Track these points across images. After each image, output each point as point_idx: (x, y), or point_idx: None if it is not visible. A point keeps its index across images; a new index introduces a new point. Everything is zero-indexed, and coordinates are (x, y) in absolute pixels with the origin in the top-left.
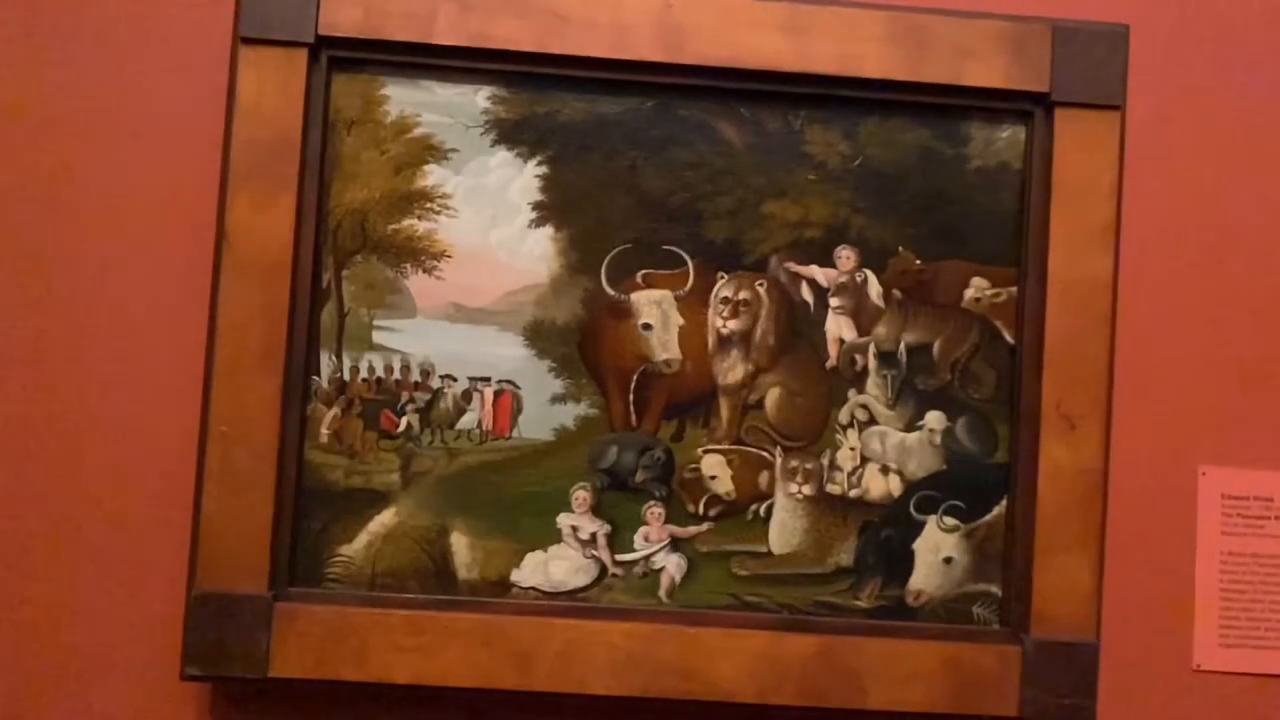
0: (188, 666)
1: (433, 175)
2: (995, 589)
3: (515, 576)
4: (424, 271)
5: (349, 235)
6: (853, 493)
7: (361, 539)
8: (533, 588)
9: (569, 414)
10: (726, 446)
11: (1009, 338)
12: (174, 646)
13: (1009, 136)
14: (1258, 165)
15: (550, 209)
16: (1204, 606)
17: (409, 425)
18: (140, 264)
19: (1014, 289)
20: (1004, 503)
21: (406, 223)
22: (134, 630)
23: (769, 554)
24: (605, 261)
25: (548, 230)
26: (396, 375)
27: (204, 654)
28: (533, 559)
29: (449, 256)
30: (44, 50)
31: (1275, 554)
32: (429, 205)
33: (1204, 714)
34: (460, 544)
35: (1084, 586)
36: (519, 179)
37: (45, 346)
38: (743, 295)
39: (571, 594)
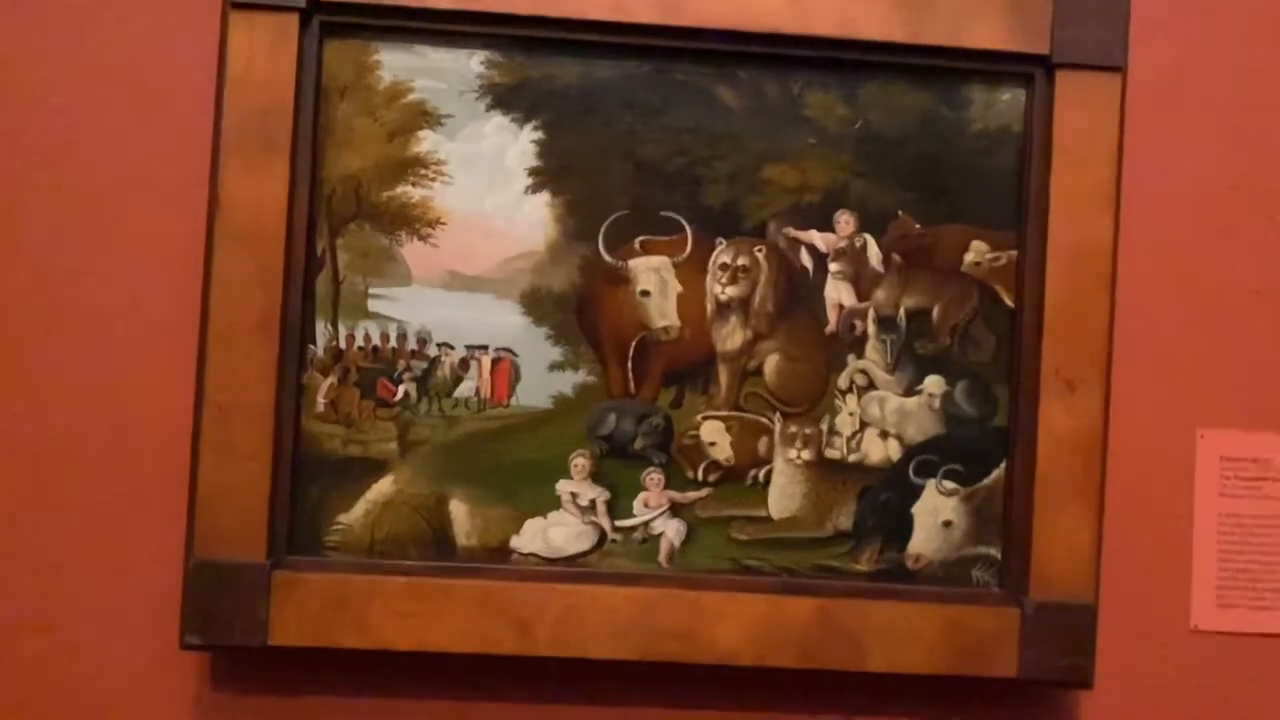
0: (187, 636)
1: (427, 141)
2: (994, 552)
3: (515, 543)
4: (419, 239)
5: (343, 203)
6: (852, 458)
7: (360, 507)
8: (532, 554)
9: (567, 381)
10: (725, 413)
11: (1009, 301)
12: (173, 616)
13: (1009, 99)
14: (1259, 127)
15: (546, 175)
16: (1201, 568)
17: (406, 394)
18: (133, 233)
19: (1014, 253)
20: (1003, 466)
21: (401, 190)
22: (133, 600)
23: (768, 519)
24: (603, 228)
25: (544, 197)
26: (393, 344)
27: (203, 623)
28: (532, 525)
29: (444, 224)
30: (31, 16)
31: (1272, 515)
32: (423, 172)
33: (1201, 674)
34: (459, 511)
35: (1083, 548)
36: (514, 145)
37: (38, 318)
38: (741, 261)
39: (571, 560)
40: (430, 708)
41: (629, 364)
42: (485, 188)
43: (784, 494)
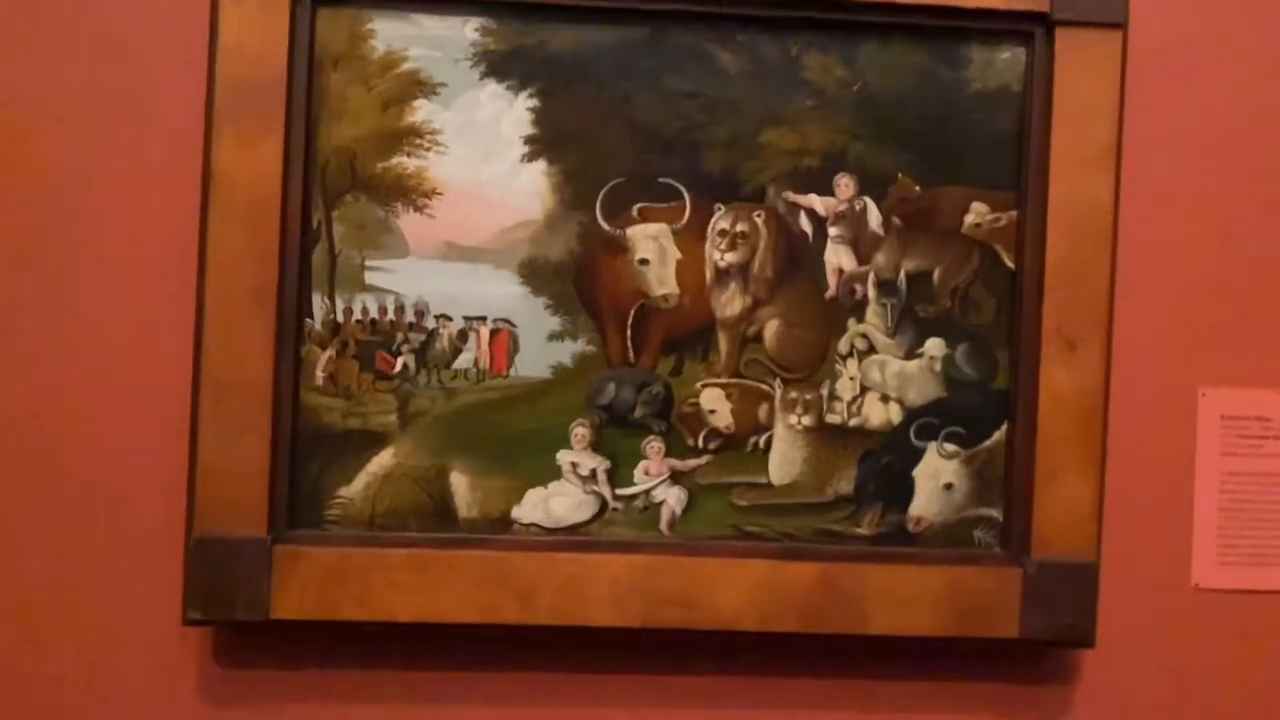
0: (190, 611)
1: (422, 111)
2: (996, 513)
3: (516, 513)
4: (415, 210)
5: (338, 175)
6: (853, 422)
7: (360, 480)
8: (533, 524)
9: (566, 351)
10: (725, 380)
11: (1009, 262)
12: (176, 592)
13: (1009, 58)
14: (1261, 85)
15: (542, 143)
16: (1203, 526)
17: (405, 366)
18: (128, 210)
19: (1014, 213)
20: (1004, 427)
21: (396, 160)
22: (135, 577)
23: (769, 485)
24: (600, 196)
25: (540, 165)
26: (391, 316)
27: (205, 599)
28: (533, 496)
29: (440, 194)
30: None
31: (1274, 473)
32: (418, 142)
33: (1203, 631)
34: (460, 483)
35: (1084, 508)
36: (510, 113)
37: (35, 297)
38: (740, 227)
39: (572, 529)
40: (433, 678)
41: (628, 332)
42: (481, 157)
43: (785, 460)
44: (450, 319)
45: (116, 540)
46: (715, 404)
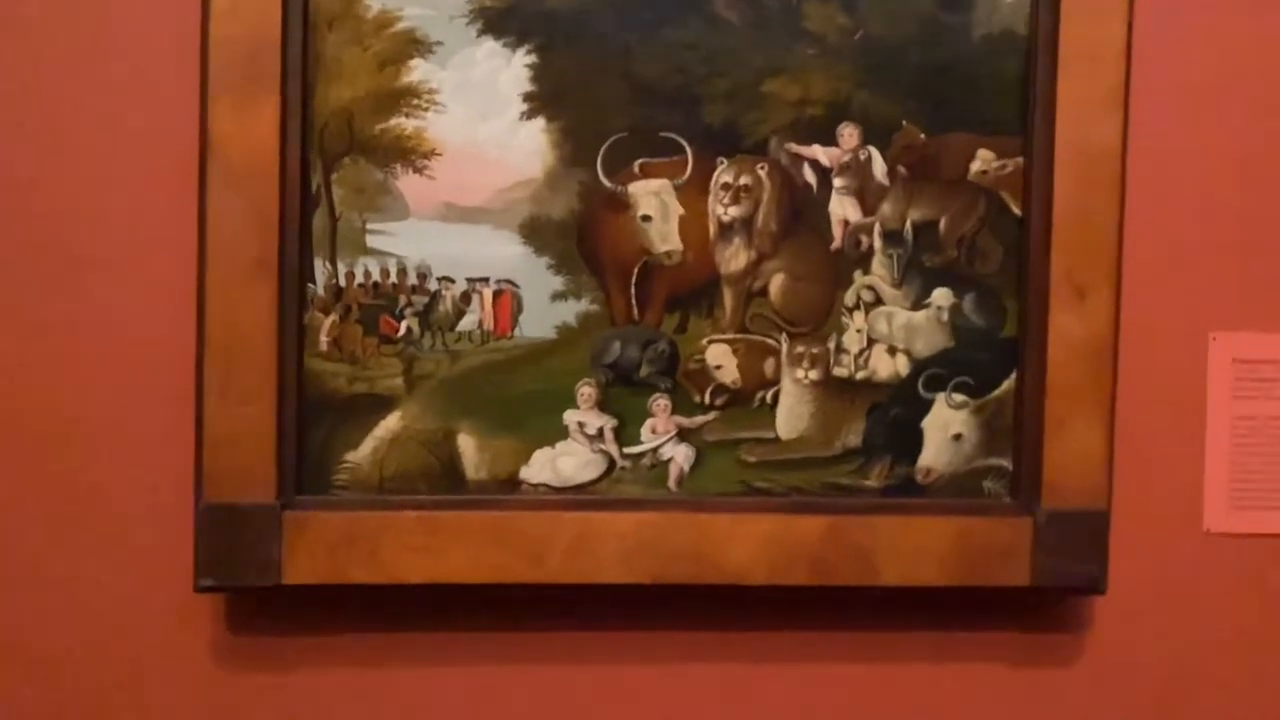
0: (201, 578)
1: (418, 70)
2: (1005, 463)
3: (524, 474)
4: (414, 171)
5: (335, 138)
6: (860, 375)
7: (367, 445)
8: (542, 484)
9: (570, 311)
10: (731, 336)
11: (1016, 210)
12: (186, 560)
13: (1014, 1)
14: (1272, 22)
15: (541, 100)
16: (1214, 470)
17: (409, 329)
18: (124, 178)
19: (1021, 160)
20: (1013, 377)
21: (394, 121)
22: (146, 546)
23: (776, 440)
24: (600, 153)
25: (540, 122)
26: (393, 279)
27: (216, 565)
28: (541, 456)
29: (439, 155)
30: None
31: None
32: (416, 102)
33: (1215, 576)
34: (467, 445)
35: (1095, 455)
36: (507, 70)
37: (37, 272)
38: (743, 180)
39: (580, 488)
40: (445, 639)
41: (632, 290)
42: (479, 116)
43: (792, 414)
44: (453, 281)
45: (126, 510)
46: (721, 360)
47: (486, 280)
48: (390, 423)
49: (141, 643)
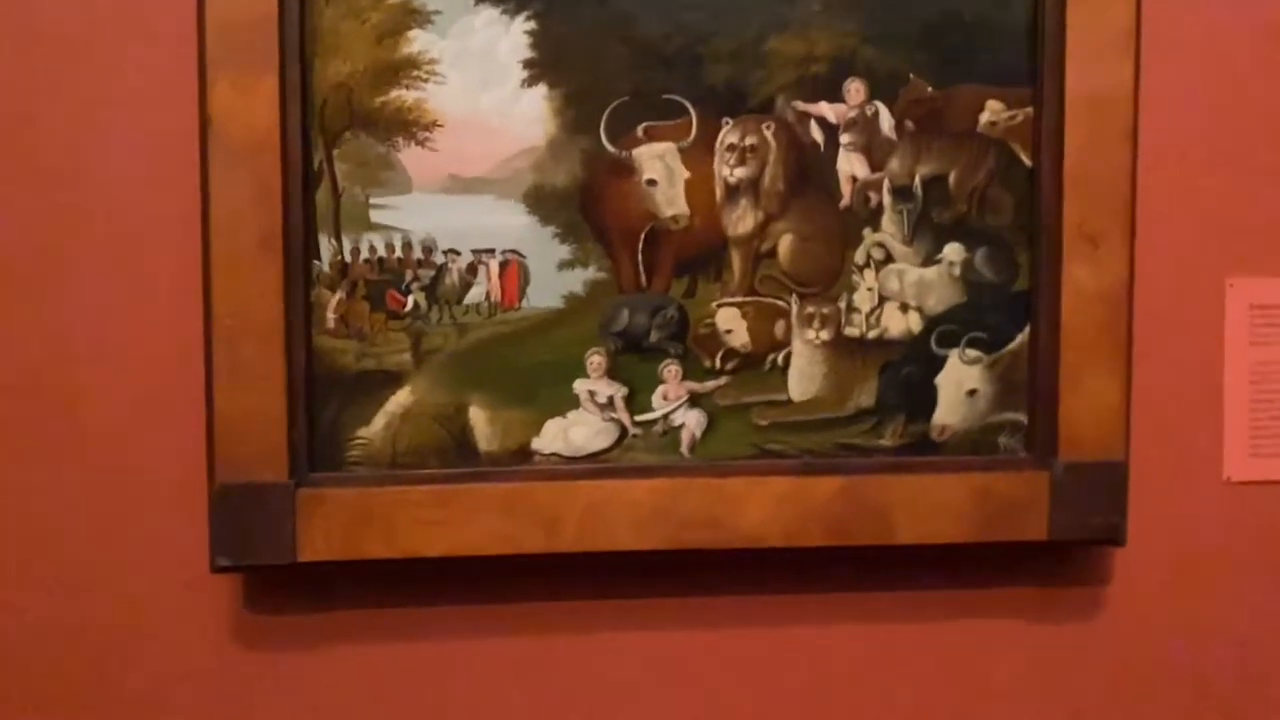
0: (217, 558)
1: (417, 41)
2: (1021, 417)
3: (536, 444)
4: (416, 144)
5: (336, 112)
6: (871, 334)
7: (379, 420)
8: (554, 454)
9: (577, 279)
10: (740, 299)
11: (1026, 160)
12: (202, 541)
13: None
14: None
15: (542, 67)
16: (1233, 418)
17: (416, 304)
18: (126, 161)
19: (1030, 109)
20: (1027, 330)
21: (394, 94)
22: (161, 528)
23: (789, 402)
24: (603, 118)
25: (541, 90)
26: (398, 253)
27: (231, 545)
28: (552, 426)
29: (440, 126)
30: None
31: None
32: (415, 74)
33: (1235, 525)
34: (478, 417)
35: (1112, 407)
36: (507, 37)
37: (42, 258)
38: (749, 141)
39: (593, 457)
40: (461, 613)
41: (639, 256)
42: (479, 85)
43: (804, 376)
44: (458, 253)
45: (140, 493)
46: (731, 324)
47: (492, 251)
48: (401, 398)
49: (160, 623)
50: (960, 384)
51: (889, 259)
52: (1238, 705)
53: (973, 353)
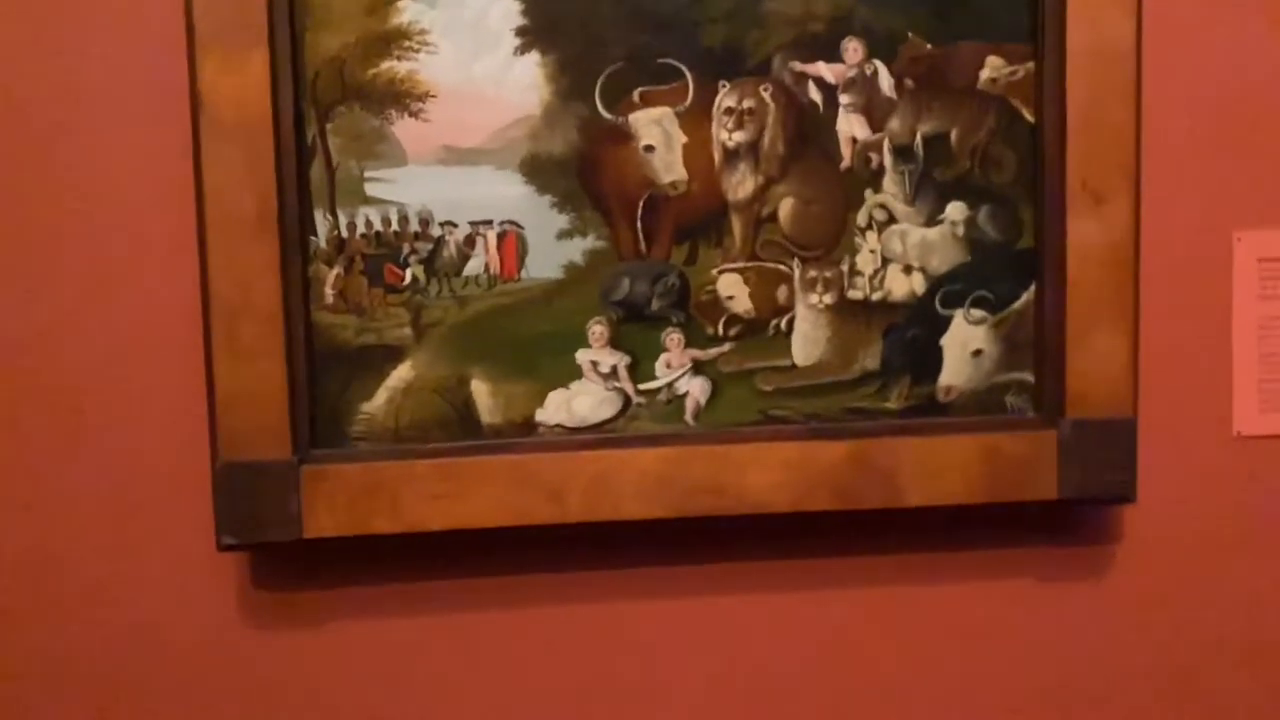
0: (223, 537)
1: (408, 11)
2: (1028, 376)
3: (539, 416)
4: (410, 115)
5: (328, 86)
6: (875, 296)
7: (381, 395)
8: (558, 425)
9: (576, 249)
10: (742, 264)
11: (1029, 117)
12: (208, 521)
13: None
14: None
15: (534, 33)
16: (1242, 373)
17: (414, 277)
18: (117, 140)
19: (1031, 65)
20: (1032, 288)
21: (386, 65)
22: (166, 509)
23: (793, 367)
24: (598, 84)
25: (534, 57)
26: (395, 227)
27: (237, 523)
28: (555, 397)
29: (434, 96)
30: None
31: None
32: (407, 44)
33: (1246, 480)
34: (481, 390)
35: (1119, 364)
36: (498, 4)
37: (35, 242)
38: (747, 104)
39: (597, 427)
40: (469, 586)
41: (638, 224)
42: (472, 54)
43: (807, 340)
44: (455, 225)
45: (145, 475)
46: (733, 289)
47: (490, 223)
48: (402, 372)
49: (169, 603)
50: (965, 344)
51: (891, 220)
52: (1250, 662)
53: (977, 313)
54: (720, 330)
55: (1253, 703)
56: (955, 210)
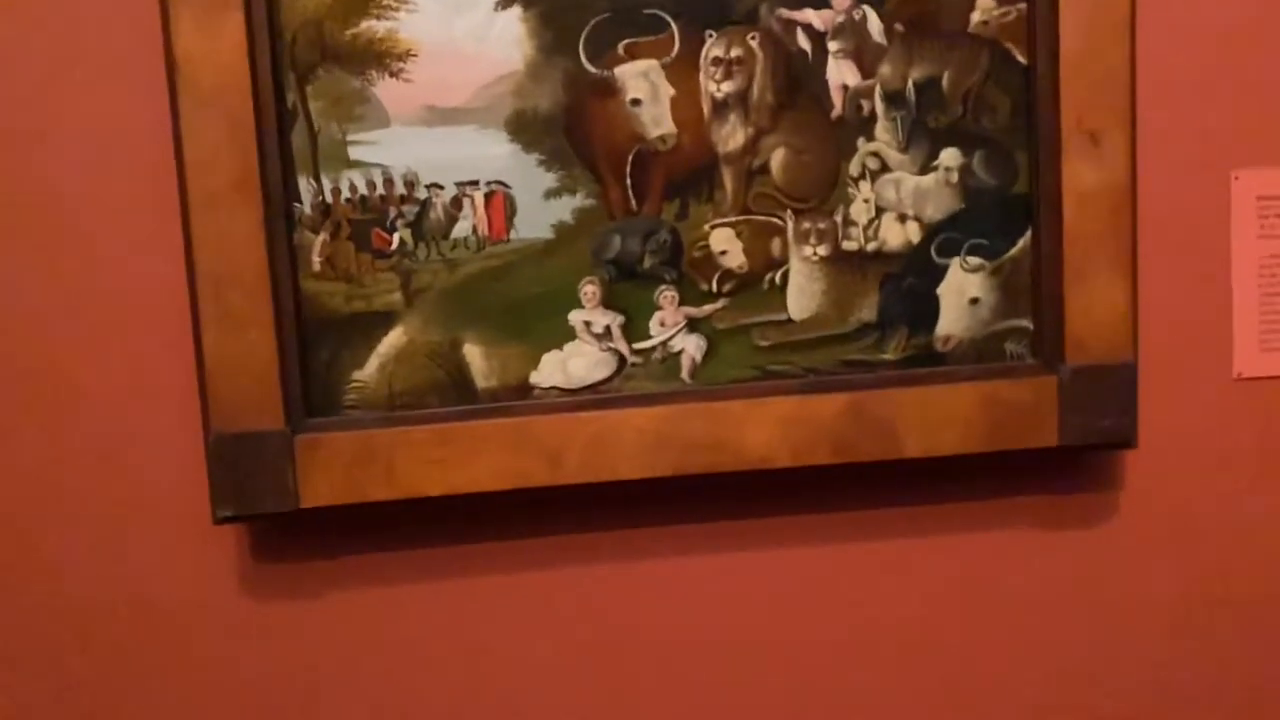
0: (218, 509)
1: None
2: (1026, 323)
3: (534, 378)
4: (391, 76)
5: (306, 47)
6: (870, 246)
7: (373, 362)
8: (553, 387)
9: (565, 207)
10: (734, 218)
11: (1021, 58)
12: (203, 494)
13: None
14: None
15: None
16: (1242, 313)
17: (402, 241)
18: (93, 111)
19: (1024, 5)
20: (1029, 234)
21: (365, 25)
22: (161, 484)
23: (789, 321)
24: (582, 37)
25: (515, 11)
26: (380, 191)
27: (232, 495)
28: (550, 359)
29: (415, 56)
30: None
31: None
32: (386, 2)
33: (1247, 422)
34: (474, 354)
35: (1118, 308)
36: None
37: (17, 217)
38: (735, 53)
39: (593, 388)
40: (469, 551)
41: (628, 180)
42: (453, 10)
43: (803, 293)
44: (442, 187)
45: (139, 450)
46: (726, 244)
47: (476, 183)
48: (394, 338)
49: (168, 578)
50: (963, 293)
51: (884, 168)
52: (1254, 605)
53: (974, 260)
54: (714, 286)
55: (1255, 646)
56: (949, 156)
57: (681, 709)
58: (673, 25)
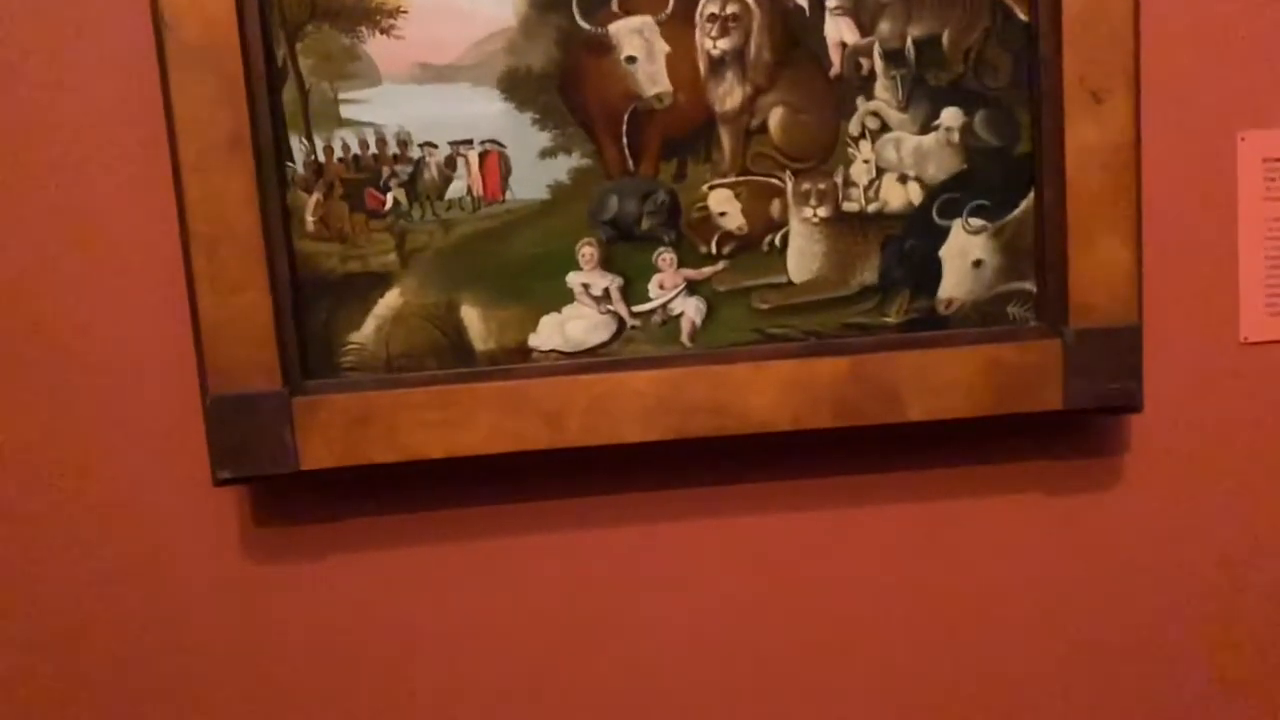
0: (218, 471)
1: None
2: (1029, 285)
3: (533, 341)
4: (382, 32)
5: (296, 4)
6: (871, 207)
7: (370, 324)
8: (553, 350)
9: (561, 168)
10: (732, 179)
11: (1023, 15)
12: (203, 457)
13: None
14: None
15: None
16: (1249, 277)
17: (396, 201)
18: (81, 72)
19: None
20: (1031, 194)
21: None
22: (160, 447)
23: (789, 283)
24: None
25: None
26: (373, 150)
27: (231, 457)
28: (548, 322)
29: (405, 12)
30: None
31: None
32: None
33: (1253, 386)
34: (472, 316)
35: (1123, 270)
36: None
37: (5, 181)
38: (730, 9)
39: (593, 351)
40: (470, 514)
41: (624, 140)
42: None
43: (803, 256)
44: (435, 146)
45: (137, 413)
46: (724, 205)
47: (470, 142)
48: (390, 300)
49: (169, 541)
50: (965, 254)
51: (885, 128)
52: (1259, 570)
53: (976, 221)
54: (713, 248)
55: (1261, 611)
56: (950, 116)
57: (683, 671)
58: None
